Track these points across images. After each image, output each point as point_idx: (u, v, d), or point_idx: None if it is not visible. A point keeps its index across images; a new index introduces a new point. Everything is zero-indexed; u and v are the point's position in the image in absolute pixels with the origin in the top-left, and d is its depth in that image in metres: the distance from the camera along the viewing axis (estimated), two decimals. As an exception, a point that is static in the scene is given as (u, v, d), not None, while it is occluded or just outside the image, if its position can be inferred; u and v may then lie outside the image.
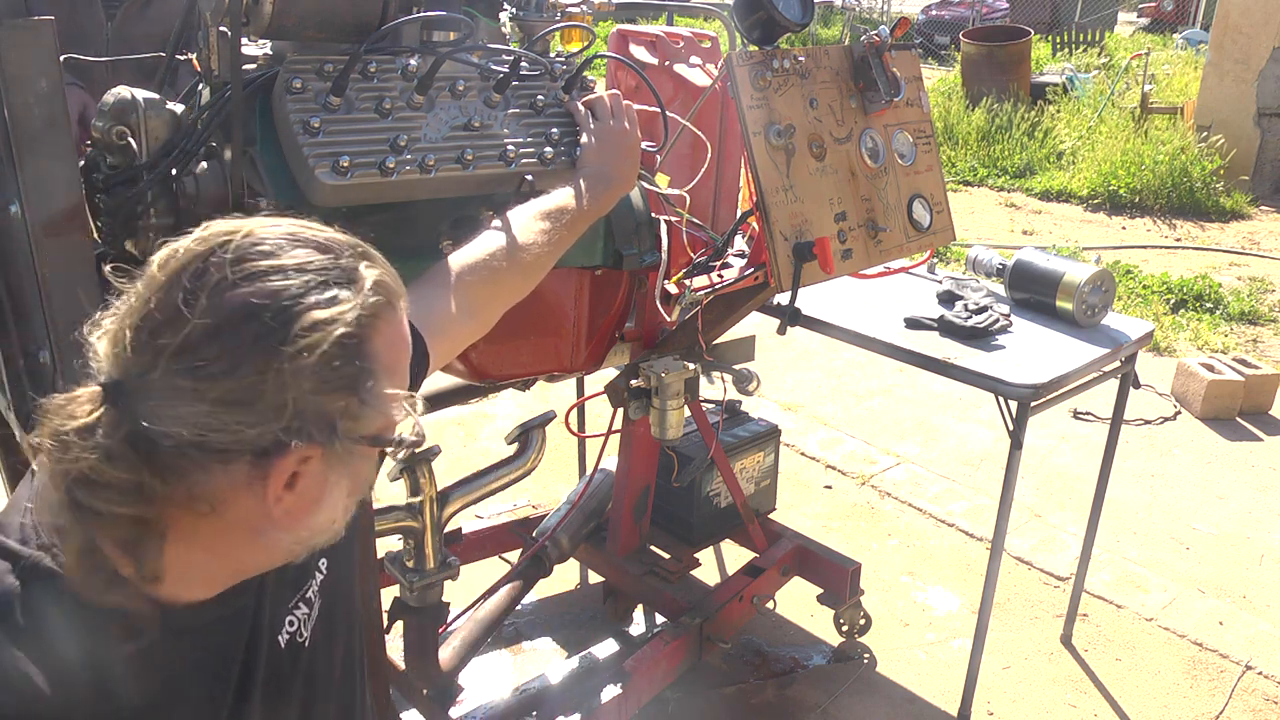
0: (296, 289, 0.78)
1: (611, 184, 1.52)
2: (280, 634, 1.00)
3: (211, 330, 0.76)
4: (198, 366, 0.75)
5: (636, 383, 2.06)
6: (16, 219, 1.32)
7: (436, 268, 1.34)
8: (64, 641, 0.81)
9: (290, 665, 1.01)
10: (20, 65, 1.22)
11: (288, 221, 0.84)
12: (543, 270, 1.43)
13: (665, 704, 2.58)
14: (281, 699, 1.00)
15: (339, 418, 0.80)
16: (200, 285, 0.77)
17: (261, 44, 1.52)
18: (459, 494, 1.94)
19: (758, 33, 1.94)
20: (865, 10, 18.32)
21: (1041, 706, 2.67)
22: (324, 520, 0.86)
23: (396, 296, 0.87)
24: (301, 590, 1.04)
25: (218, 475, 0.78)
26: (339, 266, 0.81)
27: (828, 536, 3.36)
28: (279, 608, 1.00)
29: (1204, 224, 7.39)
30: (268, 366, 0.76)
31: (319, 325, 0.77)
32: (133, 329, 0.77)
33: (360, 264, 0.83)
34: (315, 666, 1.06)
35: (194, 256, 0.79)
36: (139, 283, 0.80)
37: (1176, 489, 3.77)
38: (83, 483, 0.77)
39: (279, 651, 0.99)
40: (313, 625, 1.05)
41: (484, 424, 4.10)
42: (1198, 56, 10.85)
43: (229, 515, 0.81)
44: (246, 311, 0.76)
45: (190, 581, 0.86)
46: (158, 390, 0.76)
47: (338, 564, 1.11)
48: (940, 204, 2.26)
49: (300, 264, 0.79)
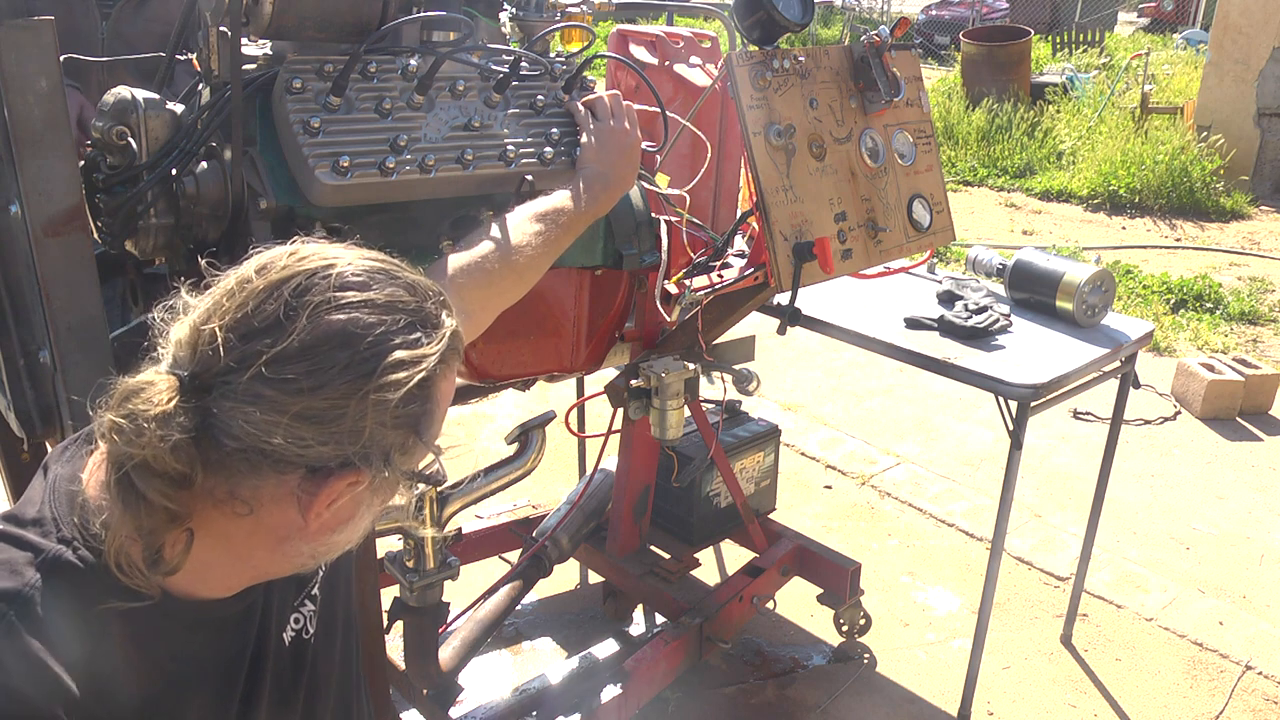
0: (389, 326, 0.82)
1: (611, 184, 1.53)
2: (286, 631, 1.01)
3: (307, 348, 0.79)
4: (287, 380, 0.78)
5: (636, 383, 2.06)
6: (16, 219, 1.32)
7: (431, 270, 1.34)
8: (83, 636, 0.81)
9: (295, 661, 1.02)
10: (20, 65, 1.21)
11: (377, 255, 0.88)
12: (537, 273, 1.44)
13: (665, 704, 2.58)
14: (288, 695, 1.01)
15: (395, 451, 0.84)
16: (302, 303, 0.80)
17: (261, 44, 1.52)
18: (459, 494, 1.94)
19: (758, 33, 1.94)
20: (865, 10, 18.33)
21: (1041, 706, 2.67)
22: (345, 539, 0.89)
23: (462, 347, 0.92)
24: (306, 588, 1.05)
25: (269, 481, 0.81)
26: (425, 311, 0.86)
27: (828, 536, 3.36)
28: (285, 605, 1.02)
29: (1204, 224, 7.39)
30: (353, 393, 0.80)
31: (405, 365, 0.82)
32: (224, 328, 0.79)
33: (443, 313, 0.88)
34: (318, 662, 1.07)
35: (296, 274, 0.82)
36: (228, 282, 0.83)
37: (1176, 489, 3.77)
38: (143, 469, 0.78)
39: (284, 648, 1.01)
40: (315, 621, 1.07)
41: (484, 424, 4.11)
42: (1198, 56, 10.85)
43: (264, 520, 0.84)
44: (343, 338, 0.80)
45: (209, 579, 0.88)
46: (241, 393, 0.78)
47: (335, 561, 1.11)
48: (940, 204, 2.26)
49: (392, 302, 0.84)
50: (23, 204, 1.28)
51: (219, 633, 0.92)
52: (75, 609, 0.82)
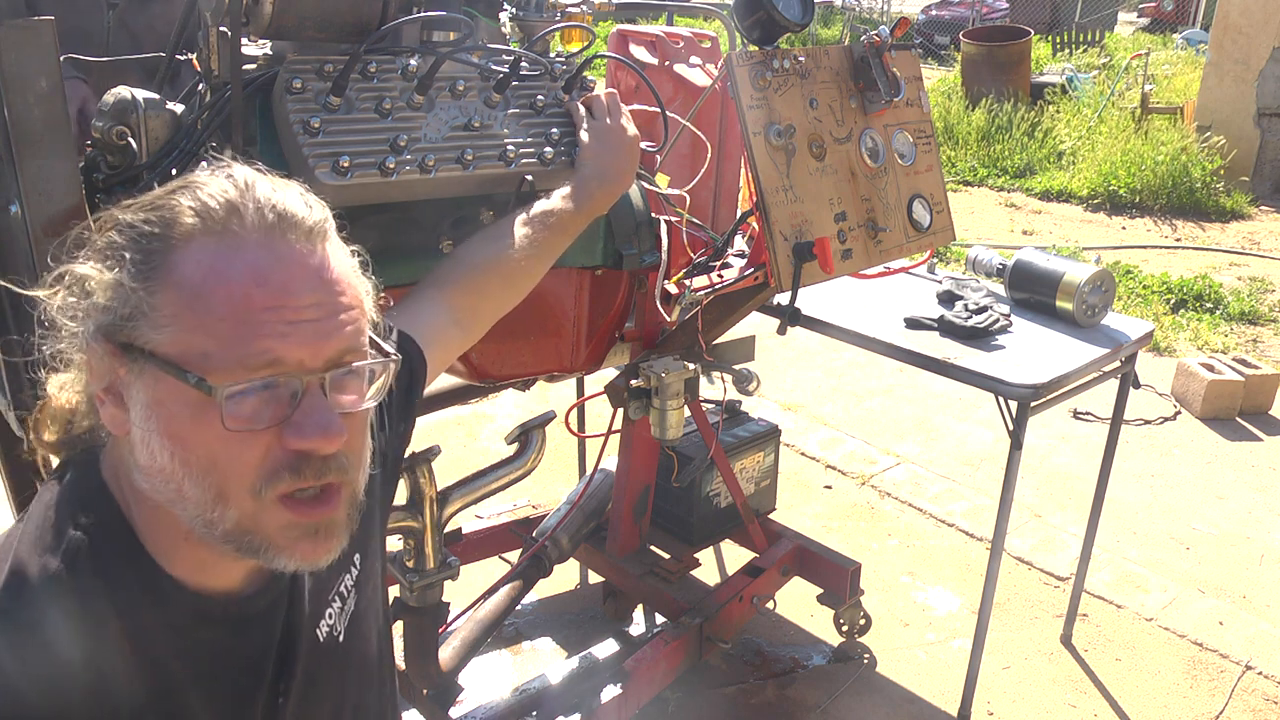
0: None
1: (608, 182, 1.53)
2: (318, 629, 1.00)
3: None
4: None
5: (636, 383, 2.06)
6: (16, 219, 1.32)
7: (427, 279, 1.35)
8: (100, 627, 0.81)
9: (324, 660, 1.01)
10: (20, 65, 1.21)
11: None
12: (531, 277, 1.44)
13: (665, 704, 2.58)
14: (315, 693, 1.00)
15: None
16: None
17: (261, 44, 1.52)
18: (459, 494, 1.94)
19: (758, 33, 1.94)
20: (865, 10, 18.33)
21: (1041, 706, 2.67)
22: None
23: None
24: (335, 585, 1.04)
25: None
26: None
27: (828, 536, 3.36)
28: (317, 602, 1.00)
29: (1204, 224, 7.39)
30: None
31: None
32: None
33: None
34: (350, 661, 1.06)
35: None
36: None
37: (1176, 489, 3.77)
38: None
39: (316, 645, 1.00)
40: (347, 620, 1.05)
41: (484, 424, 4.10)
42: (1198, 56, 10.85)
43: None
44: None
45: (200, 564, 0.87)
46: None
47: (370, 559, 1.12)
48: (940, 204, 2.26)
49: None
50: (23, 204, 1.28)
51: (240, 628, 0.91)
52: (92, 601, 0.82)
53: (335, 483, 0.84)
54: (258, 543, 0.83)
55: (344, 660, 1.05)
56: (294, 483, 0.82)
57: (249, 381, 0.79)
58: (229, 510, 0.81)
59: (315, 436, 0.81)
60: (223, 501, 0.81)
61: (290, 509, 0.82)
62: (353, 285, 0.87)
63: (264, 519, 0.82)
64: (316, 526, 0.84)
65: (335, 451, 0.83)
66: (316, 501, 0.84)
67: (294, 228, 0.82)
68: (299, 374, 0.81)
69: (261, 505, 0.82)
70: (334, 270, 0.84)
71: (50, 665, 0.79)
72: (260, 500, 0.81)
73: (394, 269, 1.56)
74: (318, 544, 0.85)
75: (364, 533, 1.12)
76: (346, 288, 0.85)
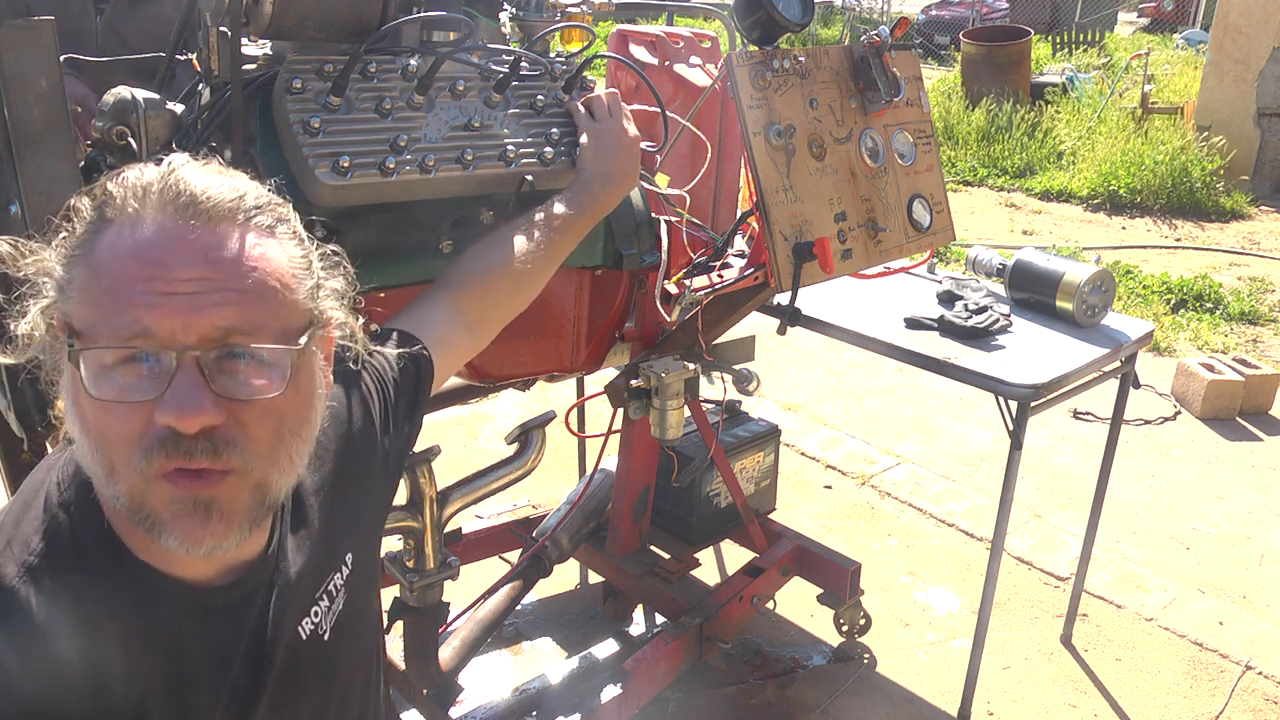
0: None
1: (611, 182, 1.53)
2: (300, 626, 0.99)
3: None
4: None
5: (636, 383, 2.06)
6: (16, 219, 1.32)
7: (435, 283, 1.36)
8: (86, 618, 0.83)
9: (306, 658, 1.00)
10: (20, 65, 1.22)
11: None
12: (538, 280, 1.44)
13: (665, 704, 2.58)
14: (295, 692, 0.99)
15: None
16: None
17: (261, 44, 1.52)
18: (459, 494, 1.94)
19: (758, 33, 1.94)
20: (865, 10, 18.33)
21: (1041, 706, 2.67)
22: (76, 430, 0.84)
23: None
24: (323, 583, 1.03)
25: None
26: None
27: (828, 536, 3.36)
28: (302, 599, 0.99)
29: (1204, 224, 7.39)
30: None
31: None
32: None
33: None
34: (336, 660, 1.05)
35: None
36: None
37: (1176, 489, 3.77)
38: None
39: (298, 642, 0.98)
40: (335, 619, 1.04)
41: (484, 424, 4.10)
42: (1198, 56, 10.85)
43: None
44: None
45: None
46: None
47: (362, 559, 1.11)
48: (940, 204, 2.26)
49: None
50: (23, 204, 1.28)
51: (213, 621, 0.90)
52: (77, 591, 0.83)
53: (212, 469, 0.82)
54: (149, 519, 0.82)
55: (329, 659, 1.03)
56: (166, 462, 0.80)
57: (109, 347, 0.79)
58: (119, 484, 0.81)
59: (171, 412, 0.79)
60: (114, 476, 0.81)
61: (172, 481, 0.81)
62: (270, 273, 0.84)
63: (150, 495, 0.81)
64: (196, 501, 0.82)
65: (208, 432, 0.81)
66: (196, 476, 0.82)
67: (197, 211, 0.82)
68: (171, 347, 0.79)
69: (147, 481, 0.81)
70: (236, 252, 0.83)
71: (10, 637, 0.81)
72: (145, 477, 0.80)
73: (394, 269, 1.56)
74: (201, 524, 0.82)
75: (358, 532, 1.11)
76: (251, 272, 0.83)
